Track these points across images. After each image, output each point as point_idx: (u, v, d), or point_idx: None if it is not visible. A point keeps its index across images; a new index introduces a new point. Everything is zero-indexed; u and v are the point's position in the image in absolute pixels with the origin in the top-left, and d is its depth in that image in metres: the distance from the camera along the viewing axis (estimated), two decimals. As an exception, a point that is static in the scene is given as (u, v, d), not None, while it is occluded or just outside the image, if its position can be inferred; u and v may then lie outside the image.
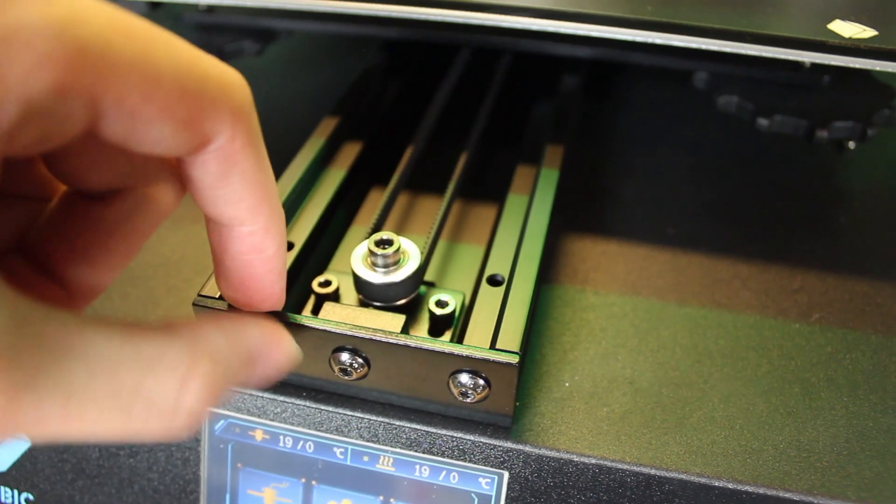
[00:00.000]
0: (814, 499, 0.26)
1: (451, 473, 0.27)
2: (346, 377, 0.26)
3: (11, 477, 0.31)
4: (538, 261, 0.28)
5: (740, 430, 0.28)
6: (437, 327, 0.29)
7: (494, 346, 0.25)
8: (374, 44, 0.44)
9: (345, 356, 0.26)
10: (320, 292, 0.29)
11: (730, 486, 0.26)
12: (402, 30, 0.41)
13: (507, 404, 0.26)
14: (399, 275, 0.28)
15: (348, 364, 0.26)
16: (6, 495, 0.31)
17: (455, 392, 0.25)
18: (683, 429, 0.28)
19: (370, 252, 0.27)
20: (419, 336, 0.25)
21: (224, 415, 0.29)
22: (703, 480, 0.26)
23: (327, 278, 0.30)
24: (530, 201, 0.32)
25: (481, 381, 0.25)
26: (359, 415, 0.28)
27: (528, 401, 0.28)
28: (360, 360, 0.26)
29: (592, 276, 0.34)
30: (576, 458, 0.27)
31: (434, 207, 0.37)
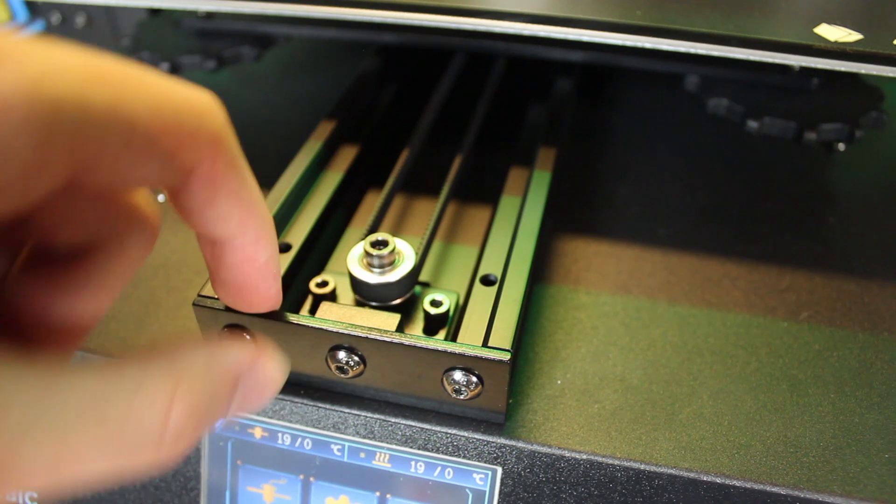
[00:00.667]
0: (800, 493, 0.26)
1: (445, 469, 0.28)
2: (343, 375, 0.27)
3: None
4: (530, 261, 0.29)
5: (729, 426, 0.28)
6: (432, 326, 0.29)
7: (487, 343, 0.26)
8: (370, 48, 0.45)
9: (341, 354, 0.26)
10: (318, 292, 0.30)
11: (718, 480, 0.27)
12: (397, 35, 0.42)
13: (499, 401, 0.27)
14: (394, 275, 0.28)
15: (345, 362, 0.26)
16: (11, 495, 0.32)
17: (449, 389, 0.26)
18: (673, 425, 0.28)
19: (366, 253, 0.28)
20: (413, 334, 0.26)
21: (223, 413, 0.29)
22: (693, 475, 0.27)
23: (324, 279, 0.30)
24: (523, 203, 0.32)
25: (474, 379, 0.26)
26: (355, 412, 0.28)
27: (521, 398, 0.29)
28: (357, 358, 0.26)
29: (584, 275, 0.35)
30: (567, 454, 0.27)
31: (429, 208, 0.37)
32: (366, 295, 0.29)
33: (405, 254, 0.29)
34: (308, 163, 0.34)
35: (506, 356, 0.25)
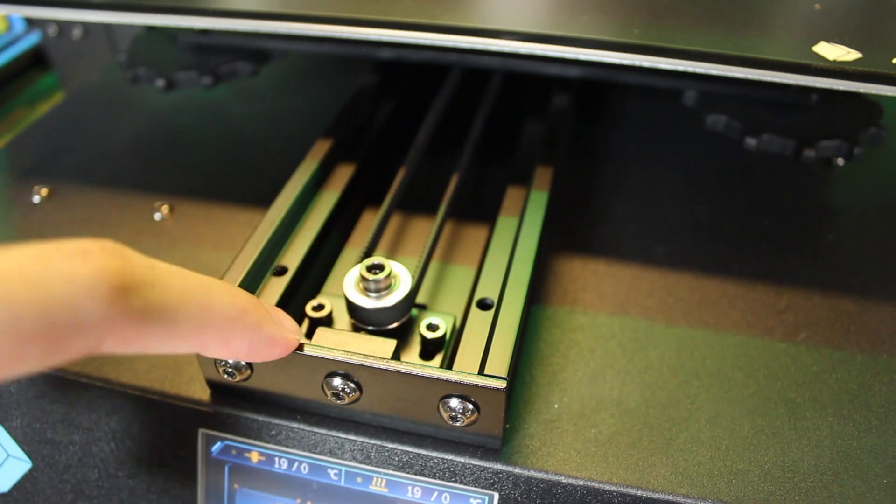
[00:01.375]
0: (798, 518, 0.26)
1: (442, 494, 0.28)
2: (339, 401, 0.27)
3: (13, 498, 0.31)
4: (527, 285, 0.29)
5: (726, 451, 0.28)
6: (429, 350, 0.29)
7: (483, 370, 0.26)
8: (366, 64, 0.45)
9: (337, 381, 0.26)
10: (314, 316, 0.30)
11: (715, 506, 0.26)
12: (394, 51, 0.42)
13: (496, 427, 0.26)
14: (390, 300, 0.28)
15: (340, 389, 0.26)
16: (6, 516, 0.31)
17: (445, 416, 0.26)
18: (670, 450, 0.28)
19: (362, 277, 0.28)
20: (409, 361, 0.26)
21: (221, 437, 0.29)
22: (689, 501, 0.26)
23: (320, 302, 0.30)
24: (520, 224, 0.32)
25: (470, 406, 0.25)
26: (352, 437, 0.28)
27: (518, 423, 0.29)
28: (352, 384, 0.26)
29: (582, 295, 0.35)
30: (564, 480, 0.27)
31: (426, 227, 0.37)
32: (361, 319, 0.29)
33: (401, 277, 0.29)
34: (304, 183, 0.33)
35: (502, 384, 0.25)
